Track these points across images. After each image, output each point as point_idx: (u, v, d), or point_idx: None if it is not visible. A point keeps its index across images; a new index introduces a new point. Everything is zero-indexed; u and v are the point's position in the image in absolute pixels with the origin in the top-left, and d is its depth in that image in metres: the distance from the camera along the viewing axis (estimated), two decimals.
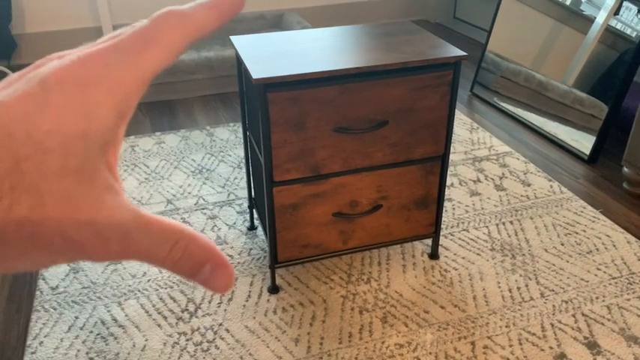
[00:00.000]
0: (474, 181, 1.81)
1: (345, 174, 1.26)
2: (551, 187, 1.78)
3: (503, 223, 1.61)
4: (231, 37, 1.32)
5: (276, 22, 3.08)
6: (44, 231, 0.20)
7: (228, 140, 2.07)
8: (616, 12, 1.96)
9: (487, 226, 1.59)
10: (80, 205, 0.20)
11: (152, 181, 1.82)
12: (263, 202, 1.30)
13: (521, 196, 1.73)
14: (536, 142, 2.07)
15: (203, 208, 1.68)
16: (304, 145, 1.19)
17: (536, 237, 1.55)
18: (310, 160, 1.21)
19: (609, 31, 1.95)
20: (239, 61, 1.31)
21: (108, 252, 0.21)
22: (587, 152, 1.93)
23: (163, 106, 2.39)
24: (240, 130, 2.15)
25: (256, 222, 1.61)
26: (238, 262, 1.45)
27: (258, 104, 1.13)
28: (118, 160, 0.23)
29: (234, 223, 1.61)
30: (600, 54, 1.98)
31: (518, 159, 1.94)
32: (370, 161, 1.26)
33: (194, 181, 1.82)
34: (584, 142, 1.95)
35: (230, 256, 1.48)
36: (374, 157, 1.25)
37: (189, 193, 1.75)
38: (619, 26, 1.92)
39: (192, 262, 0.23)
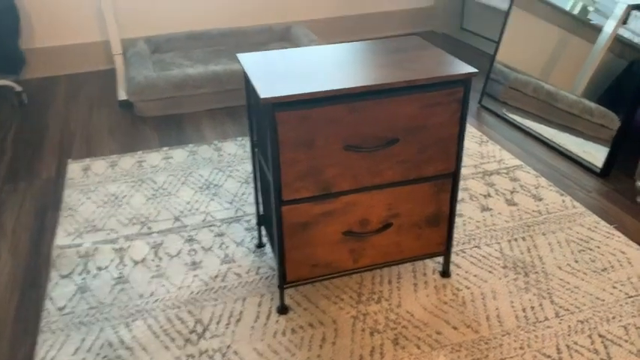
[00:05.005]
0: (485, 196, 1.78)
1: (355, 192, 1.24)
2: (563, 201, 1.75)
3: (515, 240, 1.58)
4: (238, 55, 1.30)
5: (283, 35, 3.08)
6: None
7: (235, 155, 2.06)
8: (624, 21, 1.94)
9: (499, 243, 1.57)
10: None
11: (159, 197, 1.80)
12: (271, 219, 1.28)
13: (533, 211, 1.71)
14: (546, 154, 2.05)
15: (211, 225, 1.66)
16: (313, 164, 1.17)
17: (550, 254, 1.52)
18: (320, 178, 1.19)
19: (618, 41, 1.93)
20: (246, 78, 1.30)
21: None
22: (600, 165, 1.90)
23: (171, 121, 2.38)
24: (248, 144, 2.14)
25: (264, 239, 1.59)
26: (246, 282, 1.43)
27: (267, 124, 1.12)
28: None
29: (242, 241, 1.59)
30: (609, 63, 1.95)
31: (529, 172, 1.91)
32: (380, 179, 1.24)
33: (202, 197, 1.80)
34: (595, 155, 1.92)
35: (238, 274, 1.46)
36: (384, 175, 1.24)
37: (196, 209, 1.74)
38: (627, 35, 1.90)
39: None
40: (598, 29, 2.00)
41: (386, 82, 1.12)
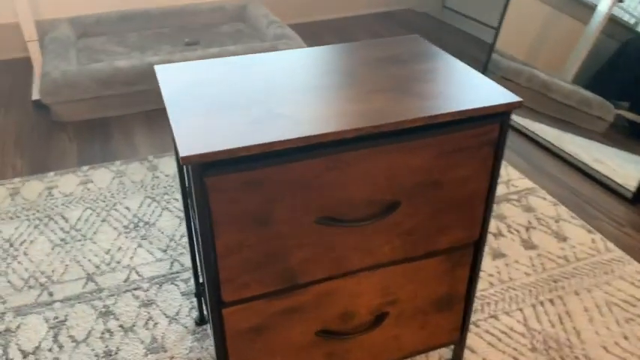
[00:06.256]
0: (495, 235, 1.39)
1: (335, 279, 0.83)
2: (592, 241, 1.38)
3: (542, 303, 1.20)
4: (156, 67, 0.86)
5: (238, 15, 2.60)
6: None
7: (175, 177, 1.61)
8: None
9: (521, 309, 1.18)
10: None
11: (70, 244, 1.35)
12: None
13: (558, 257, 1.33)
14: (558, 168, 1.67)
15: (136, 288, 1.23)
16: (271, 248, 0.75)
17: (589, 326, 1.15)
18: (281, 266, 0.77)
19: (613, 21, 1.61)
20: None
21: None
22: (632, 188, 1.53)
23: (96, 128, 1.90)
24: None
25: (207, 313, 1.17)
26: None
27: (194, 193, 0.69)
28: None
29: (178, 314, 1.16)
30: (602, 45, 1.65)
31: (545, 199, 1.53)
32: (372, 259, 0.83)
33: (126, 241, 1.36)
34: (620, 172, 1.56)
35: None
36: (378, 254, 0.82)
37: (117, 262, 1.30)
38: (623, 15, 1.59)
39: None
40: (591, 8, 1.68)
41: (385, 124, 0.70)
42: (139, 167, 1.66)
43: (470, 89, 0.79)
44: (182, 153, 0.64)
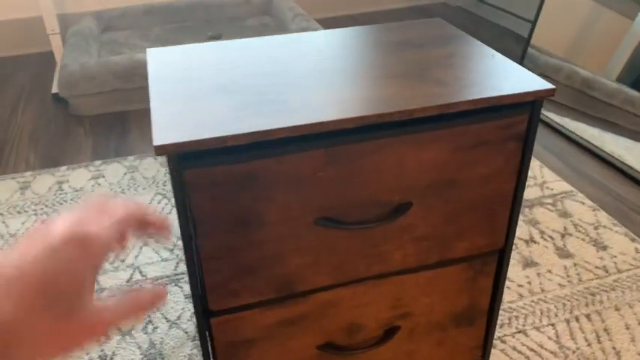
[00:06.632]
0: (526, 242, 1.28)
1: (338, 287, 0.74)
2: (636, 250, 1.25)
3: (577, 319, 1.08)
4: (148, 51, 0.79)
5: (263, 8, 2.53)
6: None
7: None
8: None
9: (553, 324, 1.07)
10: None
11: None
12: None
13: (596, 267, 1.21)
14: (596, 169, 1.53)
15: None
16: (264, 252, 0.67)
17: (630, 346, 1.02)
18: (276, 272, 0.69)
19: None
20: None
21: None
22: None
23: (113, 122, 1.86)
24: None
25: None
26: None
27: (173, 188, 0.61)
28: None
29: (179, 318, 1.09)
30: None
31: (583, 203, 1.40)
32: (381, 266, 0.73)
33: (133, 239, 1.30)
34: None
35: None
36: (387, 261, 0.73)
37: (122, 261, 1.24)
38: None
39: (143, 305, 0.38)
40: (639, 3, 1.54)
41: (394, 111, 0.61)
42: (153, 163, 1.60)
43: (494, 75, 0.69)
44: (156, 141, 0.56)
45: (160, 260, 1.24)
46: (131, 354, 1.02)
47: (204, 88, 0.67)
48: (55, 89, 2.02)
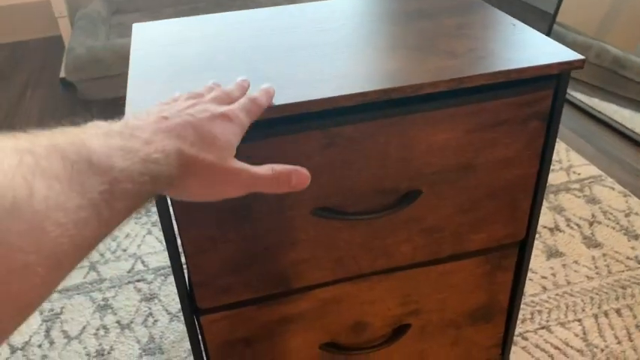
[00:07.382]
0: (551, 230, 1.20)
1: (340, 283, 0.68)
2: None
3: (606, 314, 1.00)
4: (134, 26, 0.72)
5: None
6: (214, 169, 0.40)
7: None
8: None
9: (580, 320, 0.99)
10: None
11: None
12: None
13: (628, 258, 1.12)
14: (632, 154, 1.44)
15: (139, 280, 1.11)
16: (256, 245, 0.60)
17: None
18: (269, 267, 0.63)
19: None
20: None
21: (241, 183, 0.43)
22: None
23: (121, 106, 1.80)
24: None
25: None
26: None
27: None
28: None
29: (180, 310, 1.04)
30: None
31: (613, 188, 1.31)
32: (388, 261, 0.67)
33: (136, 227, 1.25)
34: None
35: None
36: (395, 254, 0.66)
37: (124, 250, 1.19)
38: None
39: (283, 176, 0.45)
40: None
41: (403, 86, 0.54)
42: None
43: (514, 46, 0.61)
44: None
45: (163, 250, 1.19)
46: (129, 348, 0.97)
47: (188, 65, 0.61)
48: (62, 74, 1.97)
